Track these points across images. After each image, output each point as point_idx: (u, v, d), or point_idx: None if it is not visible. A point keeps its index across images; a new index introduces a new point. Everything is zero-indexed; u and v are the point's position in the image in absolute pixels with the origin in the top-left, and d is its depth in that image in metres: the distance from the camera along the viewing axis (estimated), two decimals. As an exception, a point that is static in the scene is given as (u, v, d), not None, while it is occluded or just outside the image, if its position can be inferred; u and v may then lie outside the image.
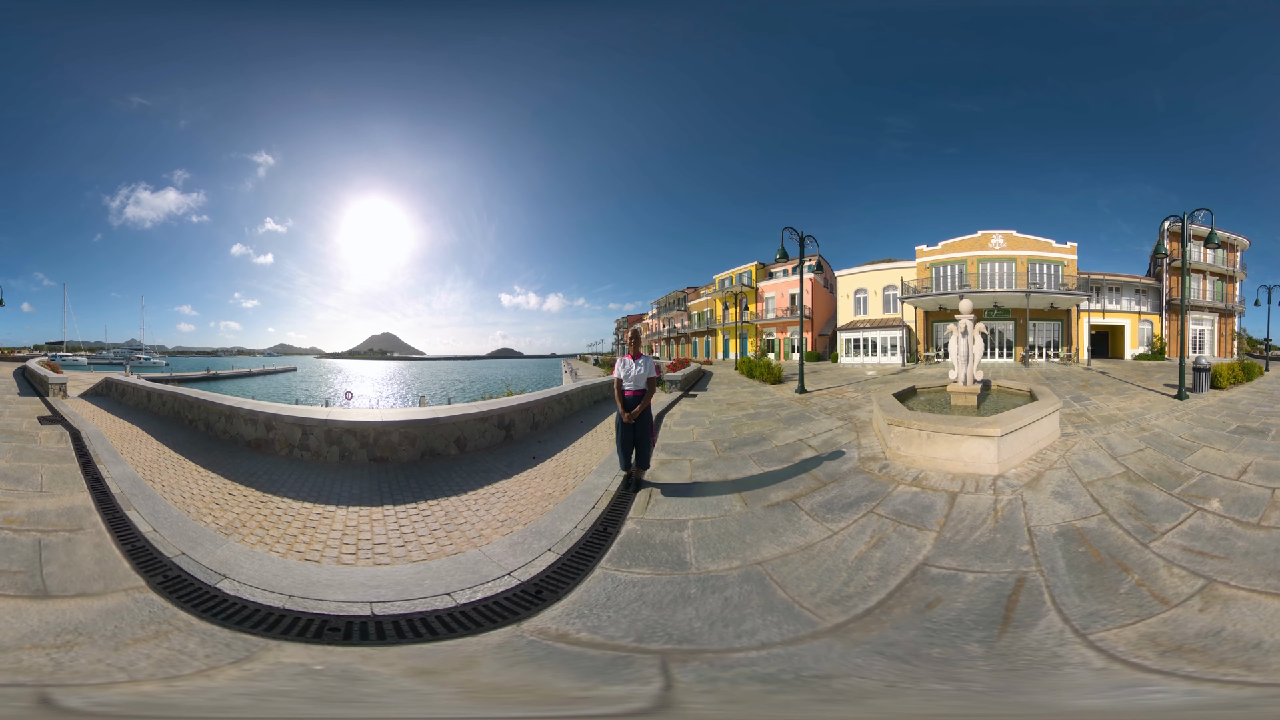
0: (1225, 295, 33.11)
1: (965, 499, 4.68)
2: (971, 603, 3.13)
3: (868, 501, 4.72)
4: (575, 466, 6.21)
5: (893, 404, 7.21)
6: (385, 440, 6.72)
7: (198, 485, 5.31)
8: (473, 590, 3.26)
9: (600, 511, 4.60)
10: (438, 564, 3.67)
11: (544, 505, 4.85)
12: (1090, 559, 3.58)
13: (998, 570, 3.48)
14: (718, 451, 6.83)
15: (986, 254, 31.05)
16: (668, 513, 4.61)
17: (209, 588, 3.07)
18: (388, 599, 3.10)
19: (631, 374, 5.39)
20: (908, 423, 5.99)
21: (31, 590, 2.96)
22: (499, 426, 7.83)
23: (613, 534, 4.13)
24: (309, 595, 3.09)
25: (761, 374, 16.86)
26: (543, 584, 3.37)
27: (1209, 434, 7.25)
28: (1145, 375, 17.82)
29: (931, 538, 3.97)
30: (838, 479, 5.40)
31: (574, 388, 11.07)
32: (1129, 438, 7.00)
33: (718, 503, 4.86)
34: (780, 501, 4.82)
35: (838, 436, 7.37)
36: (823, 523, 4.30)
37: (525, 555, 3.76)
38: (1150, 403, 10.47)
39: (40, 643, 2.47)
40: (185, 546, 3.61)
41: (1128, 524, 4.10)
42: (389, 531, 4.21)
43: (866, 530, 4.14)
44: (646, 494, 5.07)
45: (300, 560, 3.57)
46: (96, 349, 68.35)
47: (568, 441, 7.70)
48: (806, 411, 9.73)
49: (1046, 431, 6.68)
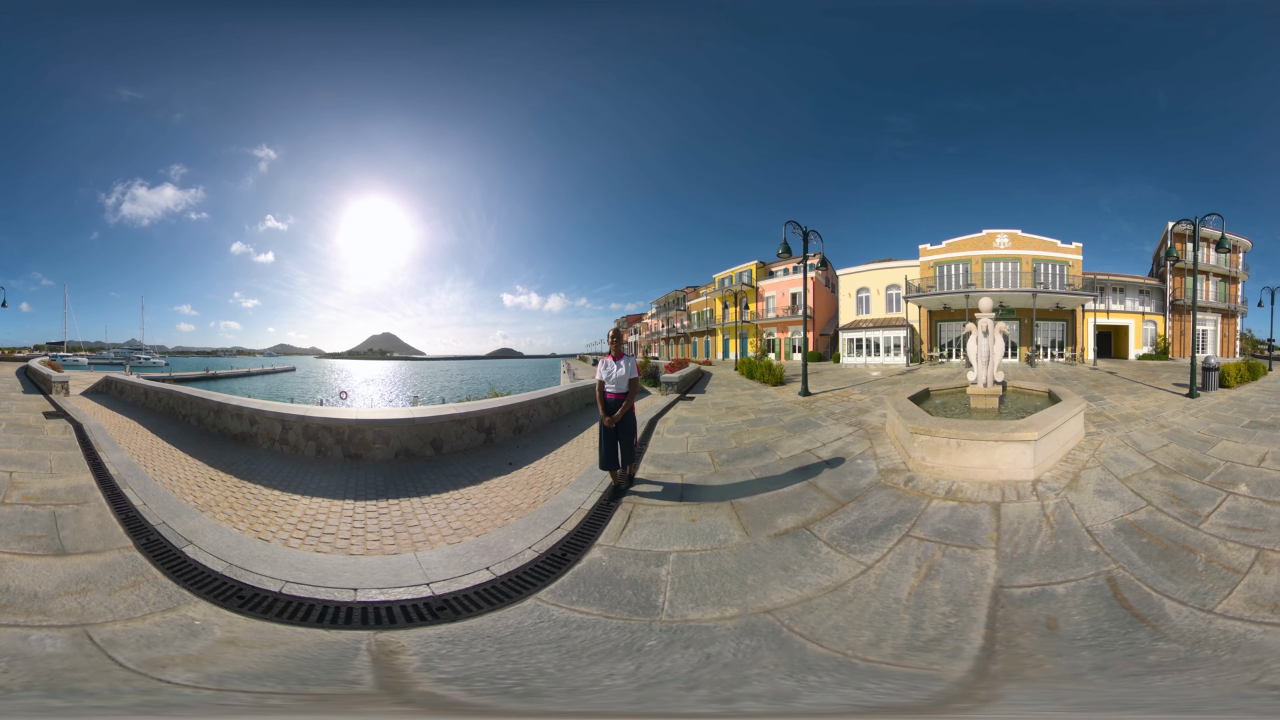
0: (1228, 296, 33.77)
1: (1010, 508, 4.59)
2: (1087, 611, 3.13)
3: (899, 523, 4.36)
4: (552, 477, 6.08)
5: (914, 410, 6.85)
6: (359, 438, 7.21)
7: (184, 470, 6.19)
8: (383, 591, 3.42)
9: (566, 533, 4.36)
10: (368, 560, 3.90)
11: (505, 518, 4.77)
12: (1157, 547, 3.87)
13: (1083, 575, 3.52)
14: (714, 465, 6.46)
15: (991, 253, 31.50)
16: (646, 541, 4.15)
17: (177, 550, 3.87)
18: (302, 582, 3.52)
19: (613, 376, 5.36)
20: (935, 430, 5.69)
21: (53, 550, 3.80)
22: (478, 429, 7.97)
23: (571, 561, 3.83)
24: (245, 566, 3.68)
25: (762, 375, 16.73)
26: (457, 603, 3.28)
27: (1225, 429, 7.95)
28: (1153, 375, 18.50)
29: (991, 556, 3.80)
30: (857, 497, 4.99)
31: (563, 390, 11.01)
32: (1151, 434, 7.53)
33: (711, 530, 4.35)
34: (790, 529, 4.34)
35: (850, 446, 7.00)
36: (849, 554, 3.84)
37: (458, 569, 3.74)
38: (1163, 401, 11.18)
39: (69, 590, 3.28)
40: (166, 517, 4.45)
41: (1174, 512, 4.49)
42: (341, 524, 4.59)
43: (909, 559, 3.77)
44: (625, 515, 4.69)
45: (254, 538, 4.22)
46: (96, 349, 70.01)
47: (551, 448, 7.60)
48: (812, 417, 9.48)
49: (1074, 432, 6.77)
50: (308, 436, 7.52)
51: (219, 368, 57.20)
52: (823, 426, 8.48)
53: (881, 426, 8.09)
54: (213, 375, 44.07)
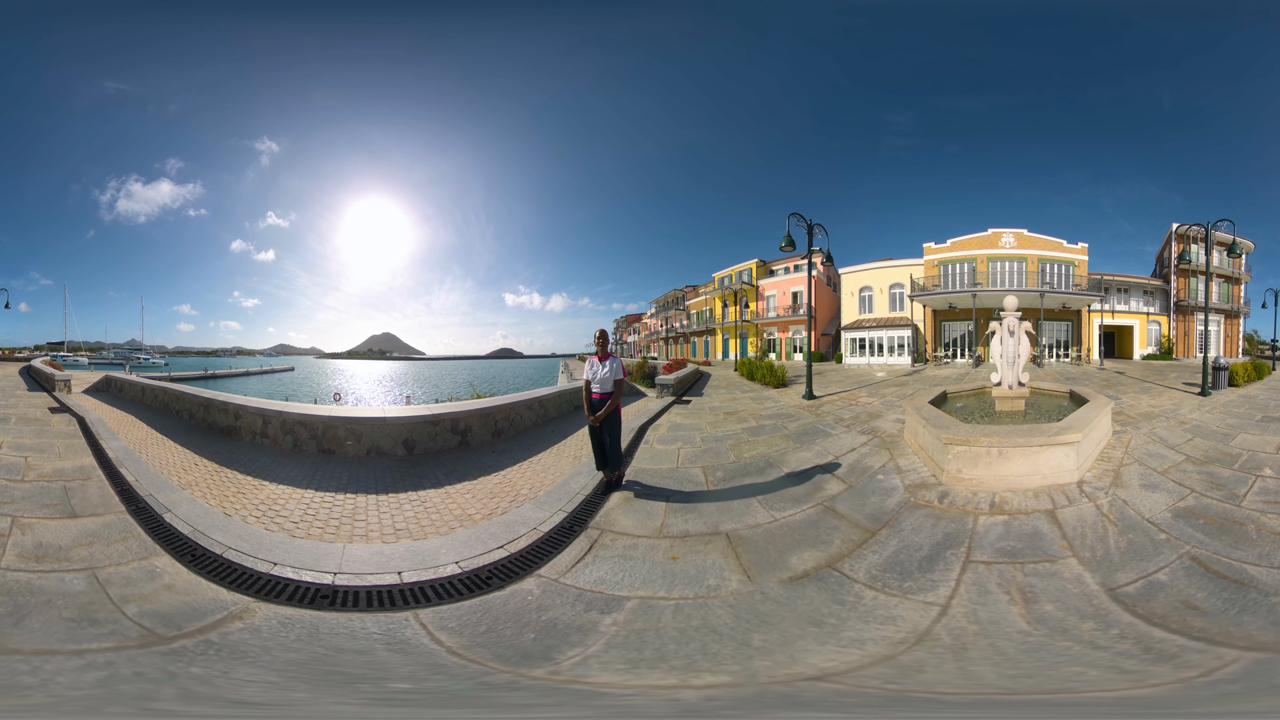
0: (1231, 297, 34.63)
1: (1066, 513, 4.64)
2: (1198, 587, 3.46)
3: (951, 548, 4.01)
4: (519, 488, 5.95)
5: (944, 418, 6.60)
6: (332, 434, 7.86)
7: (174, 457, 7.34)
8: (296, 571, 3.92)
9: (507, 554, 4.14)
10: (302, 543, 4.42)
11: (452, 526, 4.80)
12: (1214, 526, 4.36)
13: (1170, 559, 3.86)
14: (707, 484, 5.93)
15: (997, 252, 32.11)
16: (602, 580, 3.58)
17: (157, 516, 4.94)
18: (241, 550, 4.23)
19: (599, 376, 5.65)
20: (973, 440, 5.51)
21: (67, 514, 4.93)
22: (452, 431, 8.25)
23: (494, 587, 3.49)
24: (205, 533, 4.53)
25: (763, 377, 16.55)
26: (342, 597, 3.49)
27: (1240, 423, 8.77)
28: (1161, 375, 19.33)
29: (1075, 563, 3.81)
30: (888, 522, 4.57)
31: (549, 392, 11.10)
32: (1175, 430, 8.18)
33: (698, 572, 3.68)
34: (812, 569, 3.72)
35: (867, 459, 6.59)
36: (905, 595, 3.32)
37: (374, 568, 3.98)
38: (1178, 400, 12.02)
39: (81, 542, 4.38)
40: (153, 491, 5.56)
41: (1216, 495, 5.07)
42: (295, 509, 5.23)
43: (989, 587, 3.42)
44: (587, 543, 4.25)
45: (221, 512, 5.12)
46: (97, 349, 72.08)
47: (529, 454, 7.57)
48: (819, 424, 9.10)
49: (1105, 431, 7.07)
50: (285, 431, 8.51)
51: (218, 368, 58.89)
52: (833, 435, 8.07)
53: (898, 434, 7.74)
54: (211, 375, 45.49)
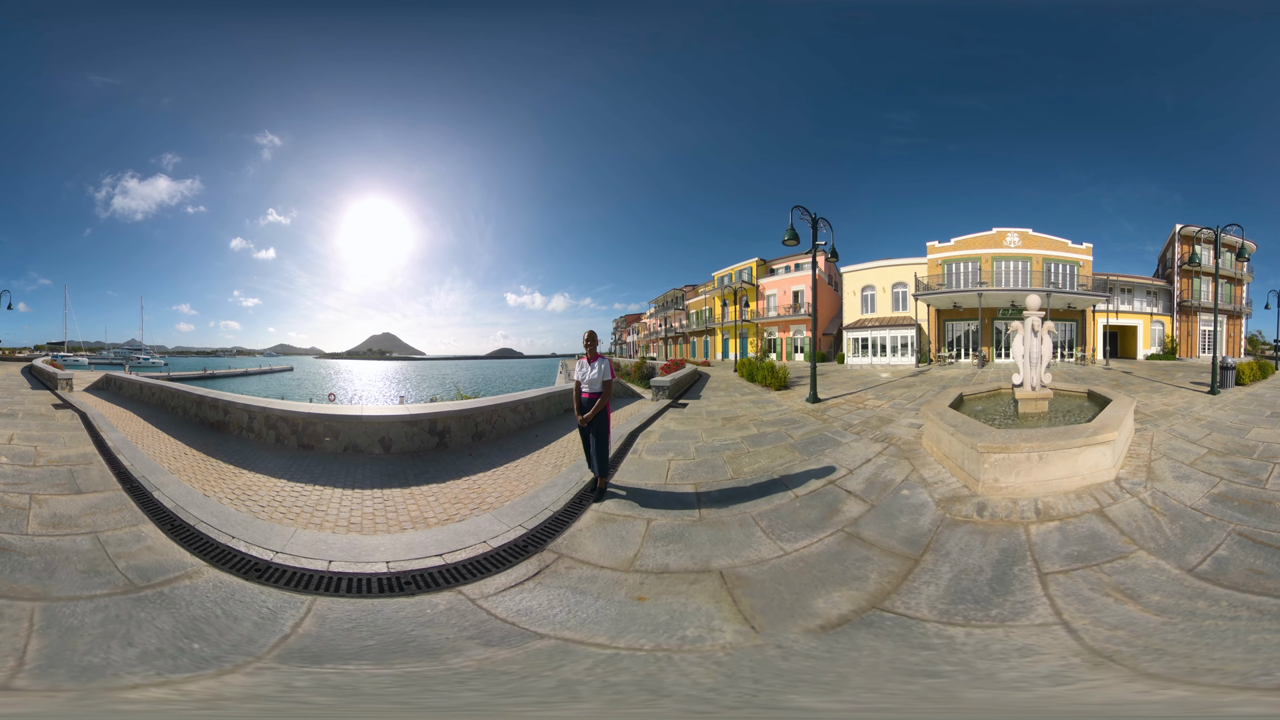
0: (1233, 298, 35.32)
1: (1114, 510, 4.93)
2: (1255, 555, 4.01)
3: (1016, 564, 3.79)
4: (486, 495, 5.91)
5: (974, 425, 6.41)
6: (311, 430, 8.49)
7: (166, 447, 8.36)
8: (248, 546, 4.54)
9: (445, 563, 4.13)
10: (259, 523, 5.09)
11: (404, 527, 5.08)
12: (1248, 506, 5.08)
13: (1222, 537, 4.37)
14: (700, 505, 5.47)
15: (1001, 252, 32.56)
16: (527, 611, 3.20)
17: (148, 493, 5.90)
18: (209, 524, 4.99)
19: (587, 376, 5.87)
20: (1012, 447, 5.49)
21: (74, 491, 5.93)
22: (430, 432, 8.56)
23: (405, 593, 3.58)
24: (184, 508, 5.36)
25: (764, 378, 16.31)
26: (262, 573, 4.04)
27: (1251, 419, 9.58)
28: (1167, 374, 20.20)
29: (1146, 555, 4.07)
30: (929, 546, 4.19)
31: (537, 394, 11.15)
32: (1193, 426, 8.87)
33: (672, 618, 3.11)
34: (849, 614, 3.19)
35: (886, 471, 6.20)
36: (1001, 624, 3.07)
37: (309, 553, 4.41)
38: (1189, 398, 12.82)
39: (86, 512, 5.36)
40: (146, 474, 6.54)
41: (1243, 481, 5.81)
42: (265, 495, 5.94)
43: (1083, 594, 3.37)
44: (536, 566, 3.89)
45: (201, 493, 5.95)
46: (96, 349, 74.18)
47: (506, 459, 7.49)
48: (827, 430, 8.64)
49: (1130, 429, 7.50)
50: (268, 426, 9.39)
51: (217, 367, 60.41)
52: (844, 444, 7.59)
53: (915, 440, 7.45)
54: (210, 375, 46.83)
